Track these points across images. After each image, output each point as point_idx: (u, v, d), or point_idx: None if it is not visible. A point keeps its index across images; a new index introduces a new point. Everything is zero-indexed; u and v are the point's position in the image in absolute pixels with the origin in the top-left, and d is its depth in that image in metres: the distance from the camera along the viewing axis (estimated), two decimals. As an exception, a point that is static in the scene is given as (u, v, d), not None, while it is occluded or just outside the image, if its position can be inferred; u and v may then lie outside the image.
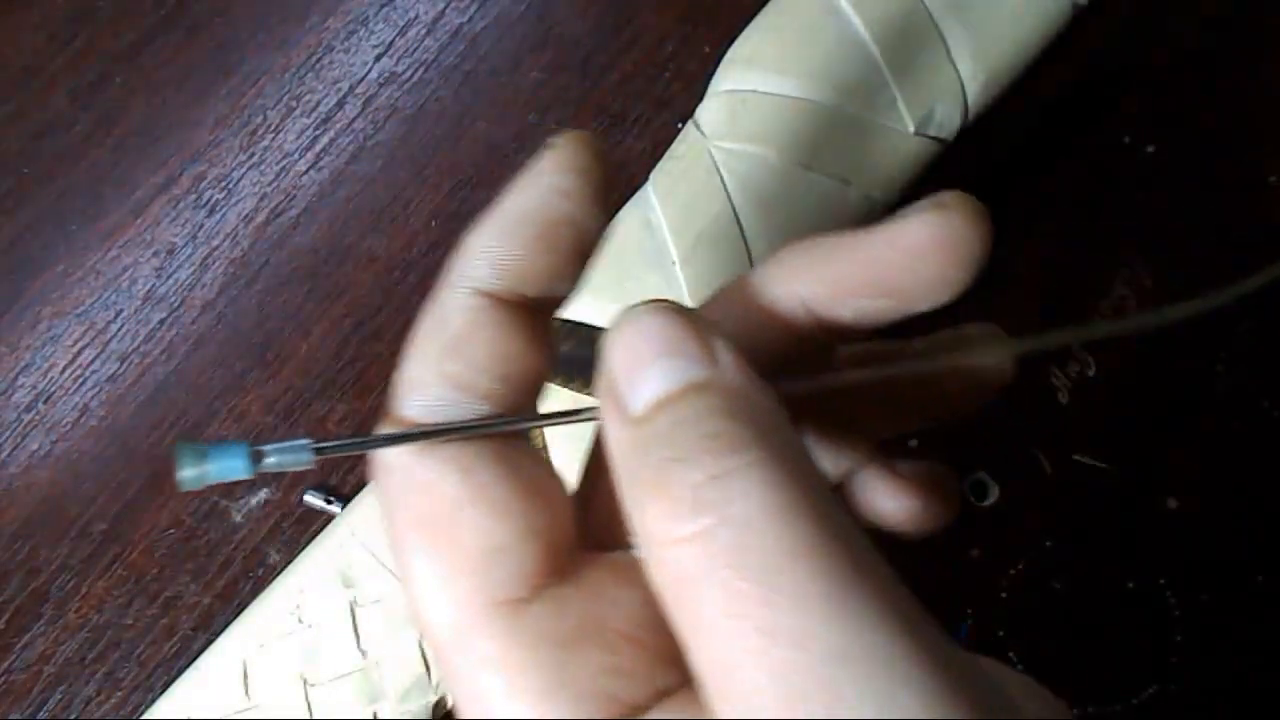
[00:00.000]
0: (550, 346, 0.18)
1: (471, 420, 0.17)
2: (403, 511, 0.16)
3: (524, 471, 0.17)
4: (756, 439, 0.14)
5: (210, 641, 0.31)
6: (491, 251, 0.17)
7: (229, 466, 0.15)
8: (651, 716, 0.15)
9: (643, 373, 0.15)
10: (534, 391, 0.18)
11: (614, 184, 0.18)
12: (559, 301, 0.18)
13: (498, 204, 0.18)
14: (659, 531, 0.14)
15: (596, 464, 0.19)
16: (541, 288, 0.17)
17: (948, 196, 0.17)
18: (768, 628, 0.13)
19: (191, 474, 0.15)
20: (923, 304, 0.18)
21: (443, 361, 0.17)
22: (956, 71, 0.34)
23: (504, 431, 0.17)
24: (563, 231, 0.17)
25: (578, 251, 0.18)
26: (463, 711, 0.16)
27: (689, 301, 0.32)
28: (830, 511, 0.14)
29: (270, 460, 0.16)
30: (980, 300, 0.37)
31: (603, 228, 0.18)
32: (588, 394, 0.31)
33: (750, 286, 0.19)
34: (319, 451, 0.16)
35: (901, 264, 0.17)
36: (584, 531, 0.17)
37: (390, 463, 0.16)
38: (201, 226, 0.37)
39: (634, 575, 0.16)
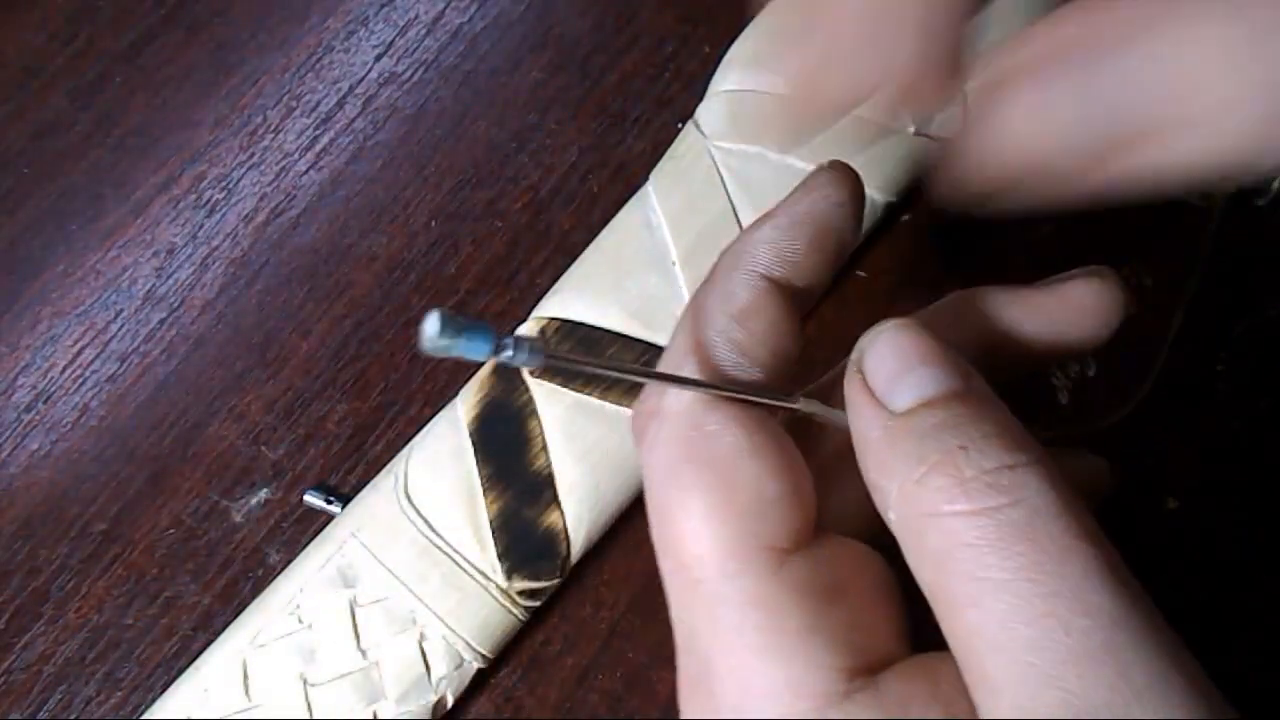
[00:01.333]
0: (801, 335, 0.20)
1: (741, 384, 0.19)
2: (686, 450, 0.18)
3: (787, 443, 0.19)
4: (1028, 444, 0.16)
5: (210, 641, 0.31)
6: (777, 244, 0.20)
7: (474, 347, 0.16)
8: (886, 678, 0.17)
9: (904, 379, 0.17)
10: (790, 372, 0.20)
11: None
12: (815, 296, 0.21)
13: (781, 204, 0.21)
14: (940, 504, 0.16)
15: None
16: (808, 281, 0.20)
17: (1104, 270, 0.22)
18: (1055, 592, 0.15)
19: (443, 343, 0.16)
20: (1075, 349, 0.22)
21: (730, 329, 0.19)
22: (956, 71, 0.34)
23: (769, 404, 0.19)
24: (831, 237, 0.21)
25: (838, 256, 0.21)
26: (709, 653, 0.17)
27: (689, 301, 0.32)
28: (1088, 515, 0.16)
29: (507, 354, 0.17)
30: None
31: (856, 243, 0.22)
32: (587, 393, 0.31)
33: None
34: (551, 360, 0.17)
35: (1068, 317, 0.21)
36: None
37: (676, 408, 0.19)
38: (201, 226, 0.37)
39: (864, 558, 0.19)
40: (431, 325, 0.16)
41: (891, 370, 0.18)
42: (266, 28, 0.40)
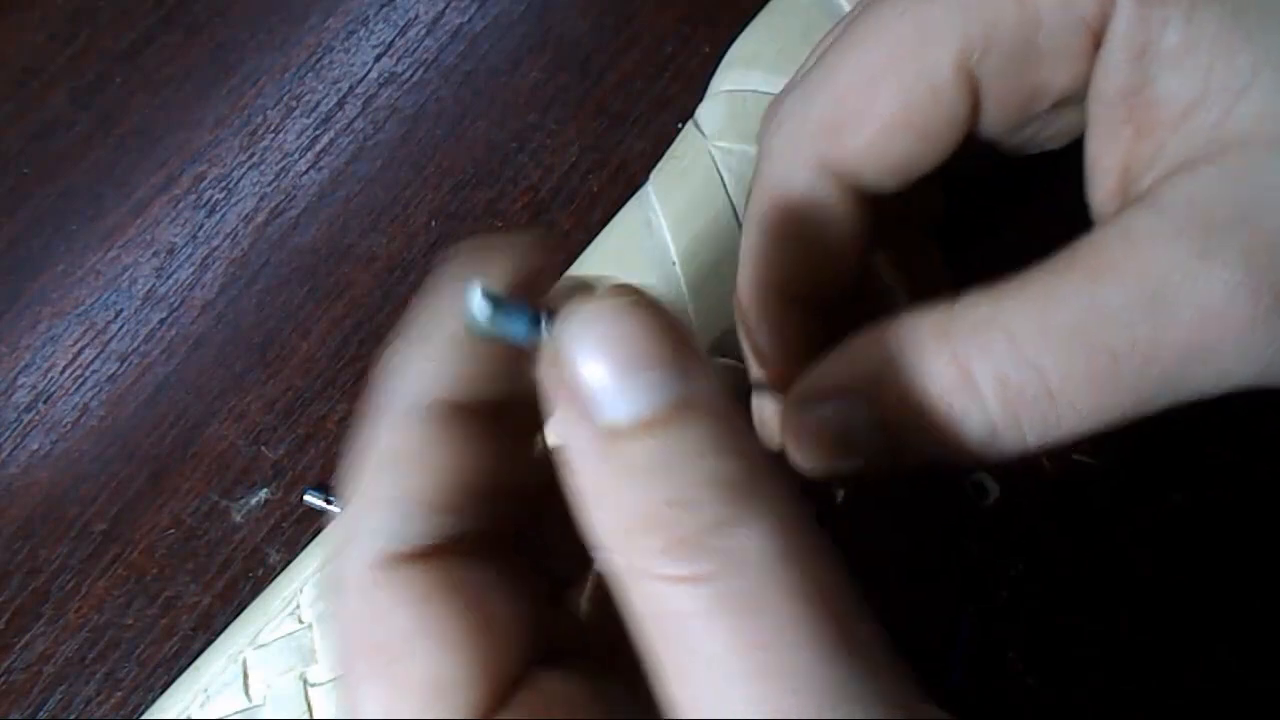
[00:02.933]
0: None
1: None
2: (355, 636, 0.16)
3: (485, 595, 0.16)
4: (754, 481, 0.14)
5: (210, 641, 0.31)
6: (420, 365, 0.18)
7: (516, 329, 0.16)
8: None
9: (623, 383, 0.14)
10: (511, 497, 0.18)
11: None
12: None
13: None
14: (652, 567, 0.14)
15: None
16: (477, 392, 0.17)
17: None
18: (766, 671, 0.13)
19: (486, 326, 0.16)
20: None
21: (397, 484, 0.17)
22: (956, 71, 0.34)
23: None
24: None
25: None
26: None
27: (689, 301, 0.32)
28: (820, 559, 0.14)
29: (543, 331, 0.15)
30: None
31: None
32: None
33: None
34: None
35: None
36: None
37: (349, 584, 0.16)
38: (201, 226, 0.37)
39: (577, 698, 0.16)
40: (479, 307, 0.15)
41: (603, 369, 0.14)
42: (266, 28, 0.40)
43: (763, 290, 0.23)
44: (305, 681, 0.30)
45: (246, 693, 0.30)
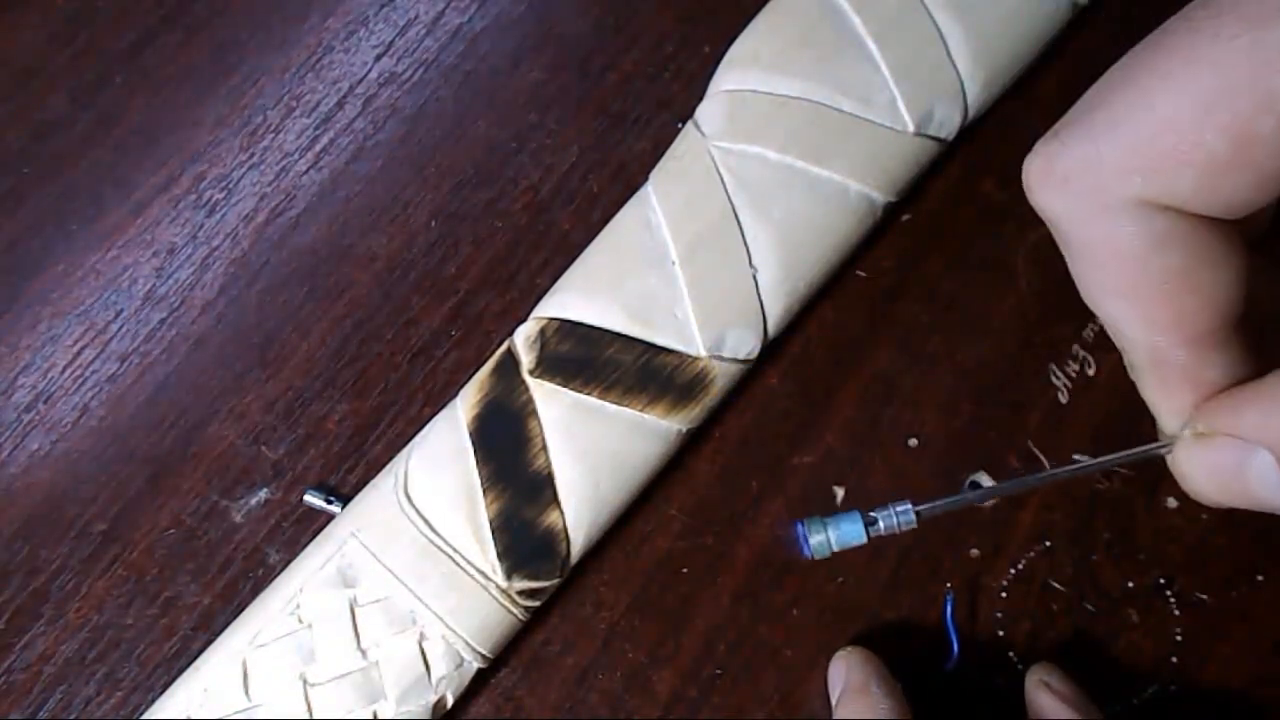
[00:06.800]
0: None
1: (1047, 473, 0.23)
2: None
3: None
4: None
5: (210, 641, 0.31)
6: None
7: (850, 531, 0.19)
8: None
9: None
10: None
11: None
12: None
13: None
14: None
15: None
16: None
17: None
18: None
19: (819, 541, 0.19)
20: None
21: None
22: (956, 71, 0.34)
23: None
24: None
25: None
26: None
27: (688, 302, 0.32)
28: None
29: (879, 525, 0.19)
30: (980, 301, 0.37)
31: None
32: (587, 394, 0.31)
33: None
34: (919, 514, 0.20)
35: None
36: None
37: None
38: (201, 226, 0.37)
39: None
40: (809, 535, 0.19)
41: None
42: (266, 28, 0.40)
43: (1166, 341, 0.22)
44: (305, 681, 0.30)
45: (246, 693, 0.30)
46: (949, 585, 0.33)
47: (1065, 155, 0.20)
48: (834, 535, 0.18)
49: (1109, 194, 0.19)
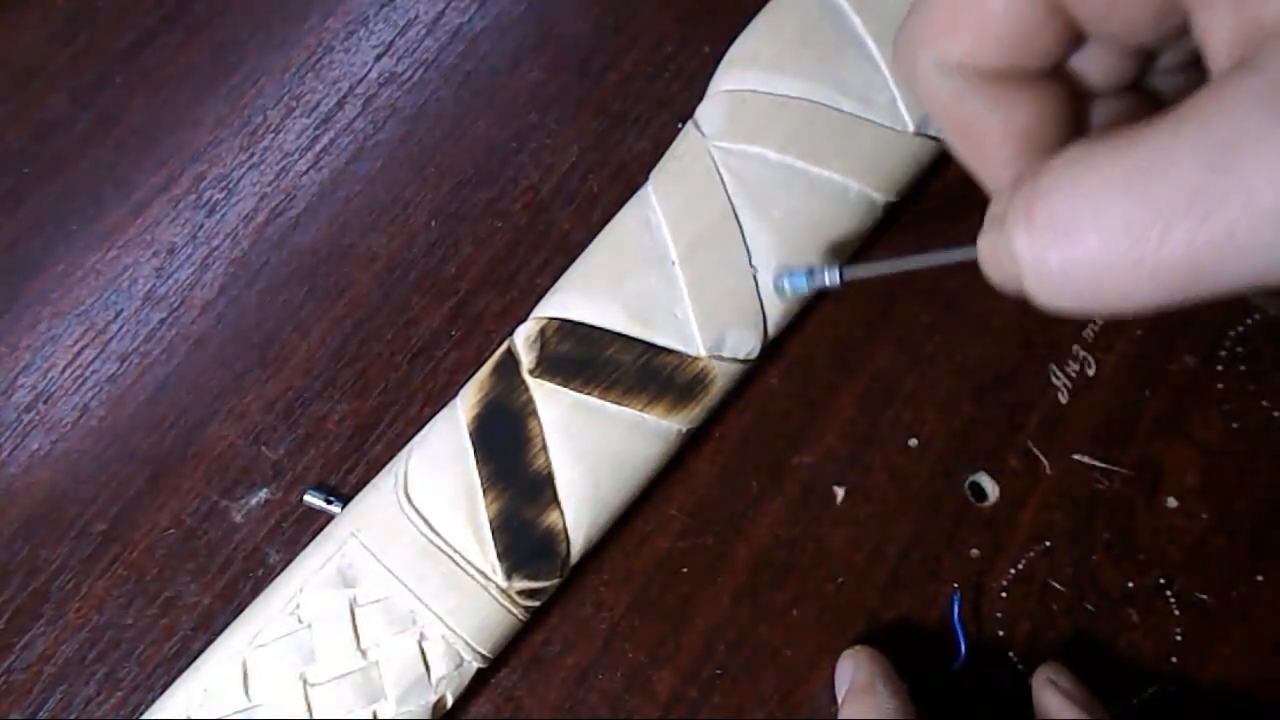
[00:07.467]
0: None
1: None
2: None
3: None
4: None
5: (210, 641, 0.31)
6: None
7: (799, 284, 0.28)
8: None
9: None
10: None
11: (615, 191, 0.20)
12: None
13: None
14: None
15: None
16: None
17: None
18: None
19: (788, 285, 0.28)
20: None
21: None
22: (956, 71, 0.34)
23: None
24: None
25: None
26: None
27: (688, 302, 0.32)
28: None
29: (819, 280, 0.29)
30: (980, 301, 0.37)
31: None
32: (587, 394, 0.31)
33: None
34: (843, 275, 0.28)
35: None
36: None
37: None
38: (201, 226, 0.37)
39: None
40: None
41: None
42: (266, 28, 0.40)
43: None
44: (305, 681, 0.30)
45: (246, 693, 0.30)
46: (955, 585, 0.33)
47: (900, 33, 0.24)
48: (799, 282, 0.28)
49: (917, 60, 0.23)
